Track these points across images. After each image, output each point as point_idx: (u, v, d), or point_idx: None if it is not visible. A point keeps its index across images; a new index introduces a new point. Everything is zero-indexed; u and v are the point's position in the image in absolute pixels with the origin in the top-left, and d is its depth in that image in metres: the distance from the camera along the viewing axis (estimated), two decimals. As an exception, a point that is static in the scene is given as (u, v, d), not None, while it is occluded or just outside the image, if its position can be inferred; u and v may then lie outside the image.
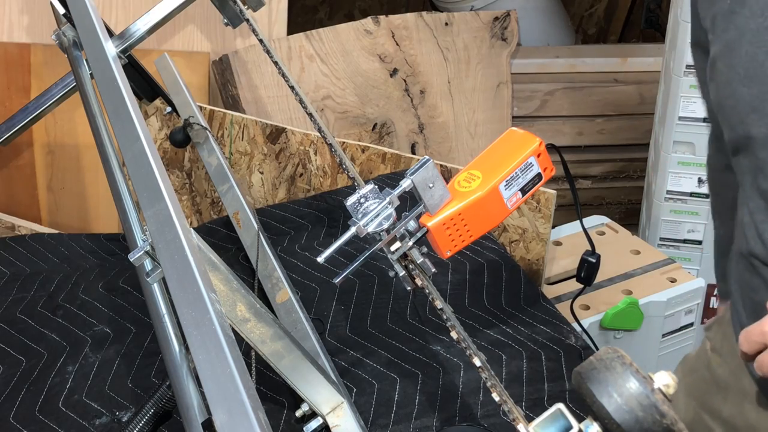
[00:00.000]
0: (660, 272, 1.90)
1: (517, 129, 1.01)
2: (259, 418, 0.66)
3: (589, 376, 0.73)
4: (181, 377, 0.91)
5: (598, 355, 0.74)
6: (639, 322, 1.80)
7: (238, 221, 1.49)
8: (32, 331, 1.35)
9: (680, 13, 1.97)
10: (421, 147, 2.45)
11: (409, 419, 1.17)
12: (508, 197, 0.96)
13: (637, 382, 0.71)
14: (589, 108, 2.59)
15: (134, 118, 1.05)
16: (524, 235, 1.76)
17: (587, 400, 0.73)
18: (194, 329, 0.74)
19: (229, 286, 0.95)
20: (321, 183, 1.94)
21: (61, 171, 2.15)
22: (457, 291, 1.44)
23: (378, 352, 1.30)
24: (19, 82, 2.07)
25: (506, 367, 1.27)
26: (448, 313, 0.95)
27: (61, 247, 1.64)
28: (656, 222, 2.16)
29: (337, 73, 2.32)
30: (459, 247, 0.97)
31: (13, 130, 1.70)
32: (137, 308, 1.38)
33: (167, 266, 0.83)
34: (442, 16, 2.45)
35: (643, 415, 0.70)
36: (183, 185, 2.03)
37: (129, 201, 1.18)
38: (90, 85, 1.45)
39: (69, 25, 1.59)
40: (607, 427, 0.71)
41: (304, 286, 1.44)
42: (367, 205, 0.92)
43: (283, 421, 1.16)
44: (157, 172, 0.95)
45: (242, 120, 1.93)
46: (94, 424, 1.17)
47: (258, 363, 1.06)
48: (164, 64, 1.79)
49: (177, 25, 2.12)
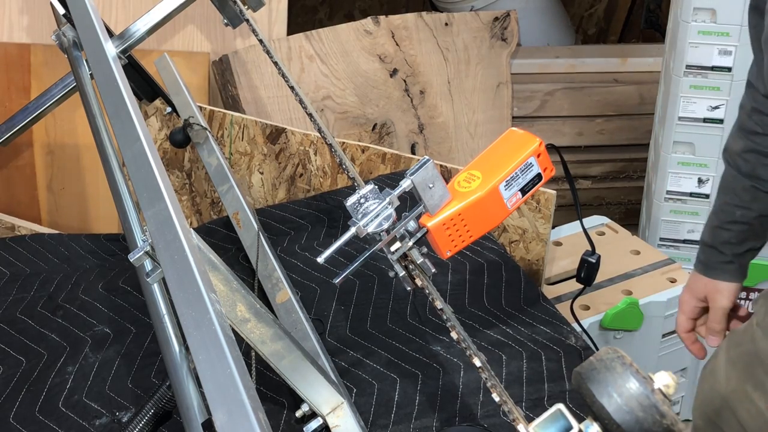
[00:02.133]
0: (660, 272, 1.90)
1: (517, 129, 1.01)
2: (259, 418, 0.66)
3: (589, 377, 0.73)
4: (181, 377, 0.91)
5: (598, 355, 0.74)
6: (639, 322, 1.80)
7: (238, 221, 1.49)
8: (32, 332, 1.35)
9: (680, 13, 1.97)
10: (421, 147, 2.45)
11: (409, 419, 1.17)
12: (508, 197, 0.96)
13: (637, 382, 0.71)
14: (589, 108, 2.59)
15: (134, 119, 1.05)
16: (524, 235, 1.76)
17: (587, 400, 0.73)
18: (194, 329, 0.74)
19: (229, 286, 0.95)
20: (321, 183, 1.94)
21: (61, 171, 2.15)
22: (457, 291, 1.44)
23: (378, 352, 1.30)
24: (19, 82, 2.07)
25: (506, 367, 1.27)
26: (448, 313, 0.95)
27: (61, 247, 1.64)
28: (656, 222, 2.16)
29: (337, 74, 2.32)
30: (459, 248, 0.97)
31: (13, 130, 1.70)
32: (137, 308, 1.38)
33: (167, 266, 0.83)
34: (442, 17, 2.45)
35: (643, 415, 0.70)
36: (183, 185, 2.03)
37: (129, 201, 1.18)
38: (90, 86, 1.45)
39: (69, 26, 1.59)
40: (607, 427, 0.71)
41: (304, 286, 1.44)
42: (367, 206, 0.92)
43: (283, 422, 1.16)
44: (157, 173, 0.95)
45: (242, 120, 1.93)
46: (94, 424, 1.17)
47: (258, 363, 1.06)
48: (164, 65, 1.79)
49: (177, 25, 2.12)
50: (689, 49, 1.95)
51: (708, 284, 1.22)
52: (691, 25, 1.95)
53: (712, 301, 1.22)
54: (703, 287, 1.22)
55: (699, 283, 1.23)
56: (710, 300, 1.22)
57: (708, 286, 1.22)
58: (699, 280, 1.23)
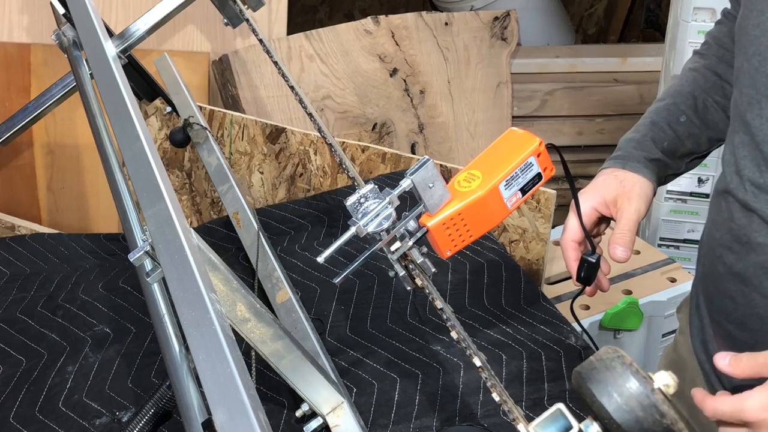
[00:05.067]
0: (660, 272, 1.90)
1: (517, 129, 1.01)
2: (259, 418, 0.66)
3: (589, 376, 0.73)
4: (181, 377, 0.91)
5: (598, 355, 0.74)
6: (639, 322, 1.80)
7: (238, 221, 1.49)
8: (32, 331, 1.35)
9: (680, 13, 1.97)
10: (421, 147, 2.45)
11: (409, 419, 1.17)
12: (508, 197, 0.96)
13: (637, 382, 0.71)
14: (589, 108, 2.60)
15: (134, 118, 1.05)
16: (524, 235, 1.76)
17: (587, 400, 0.73)
18: (194, 329, 0.74)
19: (229, 286, 0.95)
20: (321, 183, 1.94)
21: (61, 171, 2.15)
22: (457, 291, 1.44)
23: (378, 352, 1.30)
24: (19, 82, 2.07)
25: (506, 367, 1.27)
26: (448, 313, 0.95)
27: (61, 247, 1.64)
28: (656, 222, 2.16)
29: (337, 73, 2.32)
30: (459, 247, 0.97)
31: (13, 130, 1.69)
32: (137, 308, 1.38)
33: (167, 266, 0.83)
34: (442, 16, 2.45)
35: (643, 415, 0.70)
36: (183, 185, 2.03)
37: (129, 201, 1.18)
38: (90, 85, 1.45)
39: (69, 25, 1.59)
40: (607, 427, 0.71)
41: (304, 286, 1.44)
42: (367, 205, 0.92)
43: (283, 421, 1.16)
44: (157, 172, 0.95)
45: (242, 120, 1.93)
46: (94, 424, 1.17)
47: (258, 363, 1.06)
48: (164, 64, 1.79)
49: (177, 25, 2.12)
50: (689, 49, 1.96)
51: (627, 179, 1.08)
52: (691, 24, 1.95)
53: (627, 200, 1.07)
54: (618, 184, 1.07)
55: (610, 179, 1.09)
56: (623, 200, 1.07)
57: (626, 181, 1.08)
58: (611, 175, 1.09)
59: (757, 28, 0.95)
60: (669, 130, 1.14)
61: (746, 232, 0.97)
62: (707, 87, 1.15)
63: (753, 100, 0.96)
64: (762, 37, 0.95)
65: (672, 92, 1.18)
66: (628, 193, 1.07)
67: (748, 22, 0.98)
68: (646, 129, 1.15)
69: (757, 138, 0.95)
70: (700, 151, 1.17)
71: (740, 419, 0.81)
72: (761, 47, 0.95)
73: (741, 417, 0.81)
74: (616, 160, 1.13)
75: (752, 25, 0.96)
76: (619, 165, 1.12)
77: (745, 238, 0.98)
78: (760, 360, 0.83)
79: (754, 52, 0.96)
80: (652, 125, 1.14)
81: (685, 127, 1.14)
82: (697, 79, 1.17)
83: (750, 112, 0.96)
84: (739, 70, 1.00)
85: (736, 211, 0.99)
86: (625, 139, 1.16)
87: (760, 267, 0.97)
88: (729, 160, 1.01)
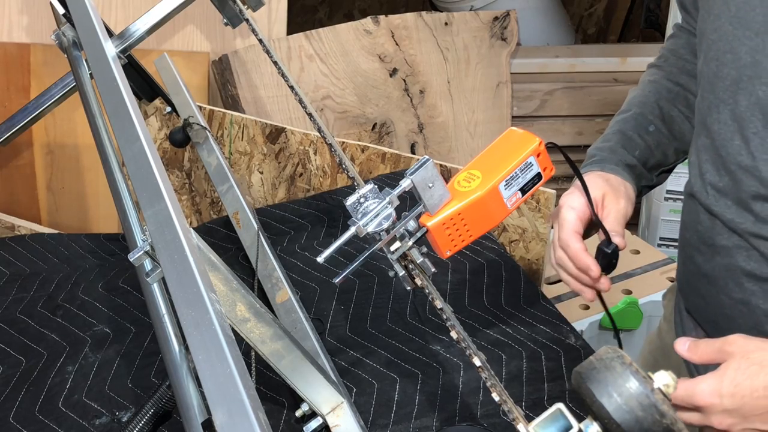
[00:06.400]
0: (660, 272, 1.90)
1: (516, 128, 1.01)
2: (259, 418, 0.66)
3: (589, 376, 0.73)
4: (181, 377, 0.91)
5: (598, 354, 0.74)
6: (639, 322, 1.80)
7: (238, 221, 1.49)
8: (32, 331, 1.35)
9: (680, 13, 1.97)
10: (420, 147, 2.45)
11: (409, 419, 1.17)
12: (507, 197, 0.96)
13: (636, 381, 0.71)
14: (589, 108, 2.60)
15: (134, 118, 1.05)
16: (524, 234, 1.76)
17: (587, 400, 0.73)
18: (194, 329, 0.74)
19: (228, 286, 0.95)
20: (321, 183, 1.94)
21: (61, 171, 2.15)
22: (457, 291, 1.44)
23: (378, 352, 1.30)
24: (19, 82, 2.07)
25: (506, 366, 1.27)
26: (448, 312, 0.95)
27: (60, 247, 1.64)
28: (656, 222, 2.16)
29: (337, 73, 2.32)
30: (459, 247, 0.97)
31: (13, 130, 1.69)
32: (137, 308, 1.38)
33: (167, 266, 0.83)
34: (441, 16, 2.45)
35: (643, 414, 0.70)
36: (183, 185, 2.03)
37: (129, 201, 1.18)
38: (90, 85, 1.45)
39: (69, 25, 1.59)
40: (607, 427, 0.71)
41: (303, 286, 1.44)
42: (367, 205, 0.92)
43: (283, 421, 1.16)
44: (157, 172, 0.95)
45: (242, 120, 1.93)
46: (94, 424, 1.17)
47: (258, 363, 1.06)
48: (164, 64, 1.79)
49: (177, 25, 2.12)
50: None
51: (612, 178, 1.07)
52: (691, 24, 1.95)
53: (614, 199, 1.05)
54: (604, 182, 1.06)
55: (595, 177, 1.07)
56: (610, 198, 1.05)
57: (612, 181, 1.06)
58: (595, 175, 1.07)
59: (715, 32, 0.96)
60: (639, 140, 1.12)
61: (711, 235, 0.99)
62: (671, 97, 1.15)
63: (712, 105, 0.97)
64: (719, 41, 0.95)
65: (636, 102, 1.16)
66: (615, 192, 1.06)
67: (706, 26, 0.98)
68: (616, 138, 1.12)
69: (716, 142, 0.97)
70: (668, 162, 1.16)
71: (692, 404, 0.82)
72: (719, 52, 0.96)
73: (692, 401, 0.82)
74: (594, 165, 1.10)
75: (710, 30, 0.97)
76: (597, 168, 1.09)
77: (710, 240, 0.99)
78: (716, 346, 0.85)
79: (712, 57, 0.97)
80: (622, 134, 1.13)
81: (654, 136, 1.13)
82: (660, 90, 1.16)
83: (710, 116, 0.97)
84: (701, 74, 1.01)
85: (701, 214, 1.00)
86: (596, 147, 1.13)
87: (725, 269, 0.98)
88: (693, 162, 1.02)
